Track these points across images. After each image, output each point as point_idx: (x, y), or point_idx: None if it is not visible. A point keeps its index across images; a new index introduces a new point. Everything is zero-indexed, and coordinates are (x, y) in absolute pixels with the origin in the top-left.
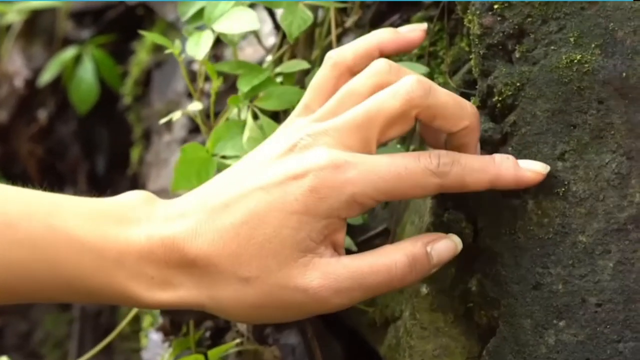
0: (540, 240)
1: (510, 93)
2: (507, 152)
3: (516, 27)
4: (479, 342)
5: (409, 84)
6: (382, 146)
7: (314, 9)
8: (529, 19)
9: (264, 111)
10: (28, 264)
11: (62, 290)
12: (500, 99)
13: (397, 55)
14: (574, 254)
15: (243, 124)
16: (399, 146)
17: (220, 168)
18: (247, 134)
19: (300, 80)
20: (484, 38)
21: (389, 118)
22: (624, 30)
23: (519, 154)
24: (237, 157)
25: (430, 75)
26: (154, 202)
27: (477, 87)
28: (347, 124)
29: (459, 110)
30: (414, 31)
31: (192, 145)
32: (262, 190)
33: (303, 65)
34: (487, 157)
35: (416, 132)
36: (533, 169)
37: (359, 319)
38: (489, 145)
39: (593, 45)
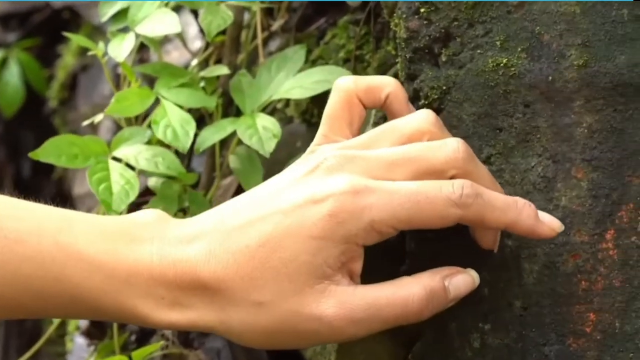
0: (466, 244)
1: (436, 97)
2: None
3: (442, 30)
4: (404, 346)
5: (457, 145)
6: None
7: (240, 12)
8: (455, 23)
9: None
10: (37, 280)
11: (70, 306)
12: (426, 102)
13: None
14: (500, 258)
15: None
16: None
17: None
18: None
19: (224, 84)
20: (410, 42)
21: (427, 167)
22: (550, 33)
23: None
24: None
25: None
26: (167, 221)
27: None
28: (380, 158)
29: (492, 186)
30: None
31: (95, 138)
32: (280, 213)
33: (224, 70)
34: (509, 199)
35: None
36: (551, 227)
37: None
38: None
39: (519, 49)
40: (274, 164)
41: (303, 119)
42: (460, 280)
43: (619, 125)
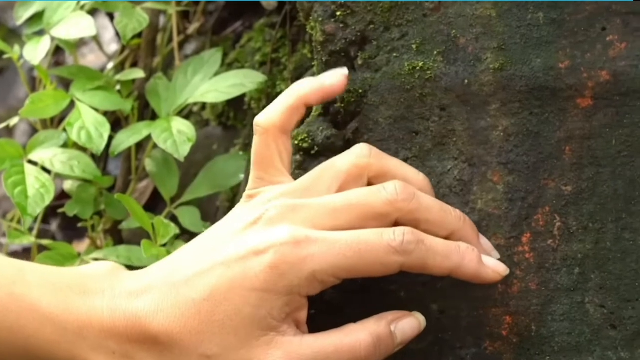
0: None
1: (352, 100)
2: None
3: (358, 34)
4: None
5: (394, 188)
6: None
7: (156, 15)
8: (372, 26)
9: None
10: None
11: (22, 358)
12: (342, 105)
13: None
14: None
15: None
16: (241, 153)
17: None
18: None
19: (140, 87)
20: (327, 45)
21: (367, 213)
22: (466, 37)
23: None
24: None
25: (273, 82)
26: (119, 274)
27: None
28: (321, 206)
29: (443, 215)
30: (335, 77)
31: (10, 142)
32: (223, 266)
33: (140, 73)
34: (452, 244)
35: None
36: (496, 270)
37: None
38: (331, 152)
39: (435, 52)
40: (190, 167)
41: (219, 122)
42: (407, 325)
43: (535, 129)
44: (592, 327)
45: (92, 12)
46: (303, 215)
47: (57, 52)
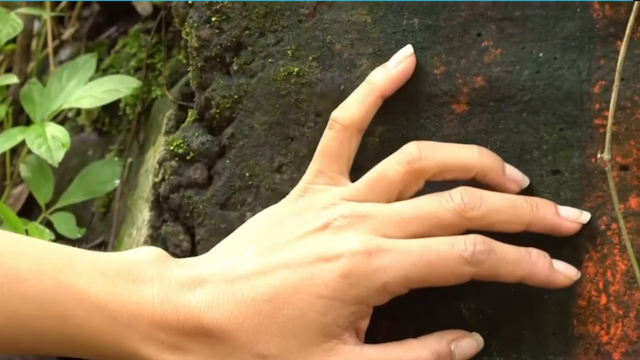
0: None
1: (228, 105)
2: (225, 165)
3: (234, 39)
4: None
5: (460, 197)
6: None
7: (30, 20)
8: (247, 32)
9: None
10: (37, 319)
11: (69, 346)
12: (218, 111)
13: None
14: None
15: None
16: (116, 159)
17: None
18: None
19: (15, 93)
20: (202, 50)
21: (437, 224)
22: (342, 42)
23: (237, 166)
24: None
25: (148, 88)
26: (167, 262)
27: (194, 99)
28: (390, 216)
29: (514, 211)
30: (400, 61)
31: None
32: (289, 269)
33: (14, 79)
34: (523, 250)
35: (134, 145)
36: (567, 275)
37: None
38: (206, 158)
39: (310, 58)
40: (65, 173)
41: (94, 128)
42: (466, 345)
43: (410, 134)
44: None
45: None
46: (372, 224)
47: None
